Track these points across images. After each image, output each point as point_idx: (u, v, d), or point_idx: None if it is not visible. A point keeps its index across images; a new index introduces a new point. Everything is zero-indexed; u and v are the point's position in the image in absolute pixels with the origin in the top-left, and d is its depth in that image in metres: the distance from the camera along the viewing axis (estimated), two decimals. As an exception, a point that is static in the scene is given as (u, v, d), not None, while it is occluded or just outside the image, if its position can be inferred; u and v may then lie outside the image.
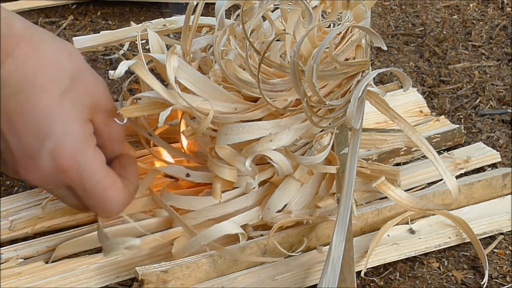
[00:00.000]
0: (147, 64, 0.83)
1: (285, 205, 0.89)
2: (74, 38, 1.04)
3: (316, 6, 0.83)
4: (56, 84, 0.78)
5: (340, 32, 0.81)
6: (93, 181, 0.81)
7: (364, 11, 0.79)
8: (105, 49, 1.28)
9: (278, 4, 0.84)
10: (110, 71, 0.80)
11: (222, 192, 0.89)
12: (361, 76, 0.81)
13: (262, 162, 0.86)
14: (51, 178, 0.79)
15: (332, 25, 0.87)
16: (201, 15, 0.86)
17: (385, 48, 0.78)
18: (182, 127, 0.90)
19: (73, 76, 0.80)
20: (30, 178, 0.80)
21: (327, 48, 0.77)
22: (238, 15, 0.83)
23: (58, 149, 0.77)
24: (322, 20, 0.82)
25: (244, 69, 0.81)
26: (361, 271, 0.91)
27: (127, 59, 0.85)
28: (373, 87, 0.82)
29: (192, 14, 0.85)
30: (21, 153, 0.78)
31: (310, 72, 0.72)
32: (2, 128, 0.77)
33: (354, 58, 0.82)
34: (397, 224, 0.96)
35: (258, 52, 0.77)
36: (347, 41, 0.81)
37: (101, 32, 1.03)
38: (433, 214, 0.97)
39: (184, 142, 0.93)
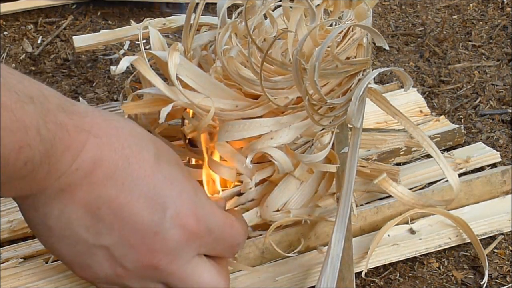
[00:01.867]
0: (148, 61, 0.83)
1: (284, 204, 0.89)
2: (74, 37, 1.04)
3: (318, 5, 0.83)
4: (146, 150, 0.73)
5: (342, 31, 0.81)
6: (219, 225, 0.76)
7: (367, 10, 0.79)
8: (105, 49, 1.28)
9: (280, 2, 0.84)
10: (111, 67, 0.80)
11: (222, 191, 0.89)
12: (362, 75, 0.81)
13: (260, 161, 0.86)
14: (182, 246, 0.73)
15: (334, 23, 0.87)
16: (201, 15, 0.86)
17: (387, 47, 0.78)
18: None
19: (150, 138, 0.75)
20: (161, 261, 0.73)
21: (329, 46, 0.77)
22: (240, 13, 0.83)
23: (180, 212, 0.72)
24: (324, 19, 0.82)
25: (245, 67, 0.81)
26: (361, 271, 0.91)
27: (127, 59, 0.85)
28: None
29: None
30: (142, 236, 0.71)
31: (312, 70, 0.72)
32: (107, 219, 0.70)
33: (355, 57, 0.82)
34: (397, 224, 0.96)
35: (261, 50, 0.77)
36: (349, 40, 0.81)
37: (101, 31, 1.03)
38: (434, 214, 0.97)
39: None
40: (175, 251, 0.73)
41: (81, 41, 1.03)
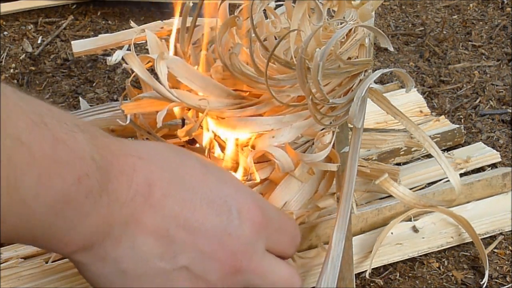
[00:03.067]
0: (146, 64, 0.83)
1: (285, 203, 0.89)
2: (72, 42, 1.03)
3: (322, 4, 0.83)
4: (189, 159, 0.73)
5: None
6: (278, 214, 0.77)
7: (371, 11, 0.79)
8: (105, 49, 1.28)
9: (281, 2, 0.85)
10: (107, 57, 0.80)
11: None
12: (364, 75, 0.81)
13: (260, 160, 0.87)
14: (255, 240, 0.73)
15: (335, 23, 0.87)
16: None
17: (391, 49, 0.78)
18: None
19: (185, 149, 0.77)
20: (242, 261, 0.72)
21: (333, 46, 0.77)
22: (240, 10, 0.83)
23: (244, 206, 0.72)
24: (327, 19, 0.82)
25: (247, 64, 0.81)
26: (364, 271, 0.91)
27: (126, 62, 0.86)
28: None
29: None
30: (217, 241, 0.71)
31: (315, 70, 0.72)
32: (179, 237, 0.69)
33: (356, 57, 0.82)
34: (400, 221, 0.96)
35: (266, 48, 0.77)
36: (352, 40, 0.81)
37: (100, 35, 1.02)
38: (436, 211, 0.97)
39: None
40: (250, 246, 0.72)
41: (80, 46, 1.02)
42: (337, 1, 0.83)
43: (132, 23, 1.02)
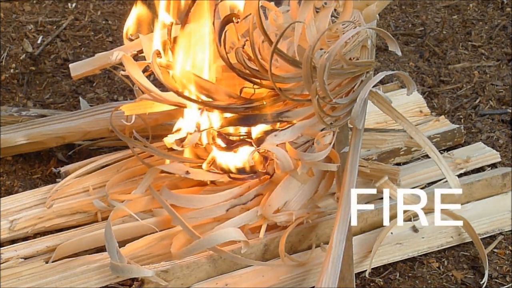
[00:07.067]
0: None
1: (285, 203, 0.89)
2: (70, 65, 1.03)
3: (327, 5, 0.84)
4: None
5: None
6: None
7: (375, 12, 0.79)
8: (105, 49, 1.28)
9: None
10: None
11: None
12: (365, 76, 0.81)
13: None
14: None
15: (341, 24, 0.87)
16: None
17: (399, 53, 0.78)
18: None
19: None
20: None
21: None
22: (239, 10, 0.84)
23: None
24: (333, 20, 0.83)
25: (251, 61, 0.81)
26: (364, 271, 0.91)
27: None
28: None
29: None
30: None
31: (322, 69, 0.72)
32: None
33: (357, 59, 0.82)
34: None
35: (271, 41, 0.77)
36: (354, 41, 0.81)
37: (96, 54, 1.02)
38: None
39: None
40: None
41: (77, 68, 1.02)
42: (343, 1, 0.83)
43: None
